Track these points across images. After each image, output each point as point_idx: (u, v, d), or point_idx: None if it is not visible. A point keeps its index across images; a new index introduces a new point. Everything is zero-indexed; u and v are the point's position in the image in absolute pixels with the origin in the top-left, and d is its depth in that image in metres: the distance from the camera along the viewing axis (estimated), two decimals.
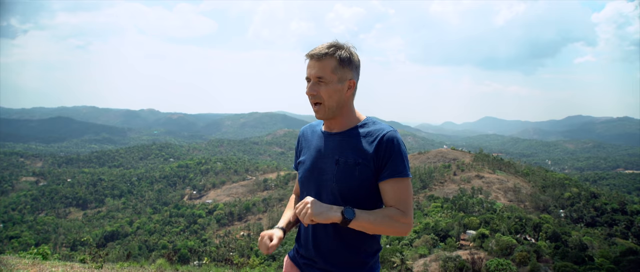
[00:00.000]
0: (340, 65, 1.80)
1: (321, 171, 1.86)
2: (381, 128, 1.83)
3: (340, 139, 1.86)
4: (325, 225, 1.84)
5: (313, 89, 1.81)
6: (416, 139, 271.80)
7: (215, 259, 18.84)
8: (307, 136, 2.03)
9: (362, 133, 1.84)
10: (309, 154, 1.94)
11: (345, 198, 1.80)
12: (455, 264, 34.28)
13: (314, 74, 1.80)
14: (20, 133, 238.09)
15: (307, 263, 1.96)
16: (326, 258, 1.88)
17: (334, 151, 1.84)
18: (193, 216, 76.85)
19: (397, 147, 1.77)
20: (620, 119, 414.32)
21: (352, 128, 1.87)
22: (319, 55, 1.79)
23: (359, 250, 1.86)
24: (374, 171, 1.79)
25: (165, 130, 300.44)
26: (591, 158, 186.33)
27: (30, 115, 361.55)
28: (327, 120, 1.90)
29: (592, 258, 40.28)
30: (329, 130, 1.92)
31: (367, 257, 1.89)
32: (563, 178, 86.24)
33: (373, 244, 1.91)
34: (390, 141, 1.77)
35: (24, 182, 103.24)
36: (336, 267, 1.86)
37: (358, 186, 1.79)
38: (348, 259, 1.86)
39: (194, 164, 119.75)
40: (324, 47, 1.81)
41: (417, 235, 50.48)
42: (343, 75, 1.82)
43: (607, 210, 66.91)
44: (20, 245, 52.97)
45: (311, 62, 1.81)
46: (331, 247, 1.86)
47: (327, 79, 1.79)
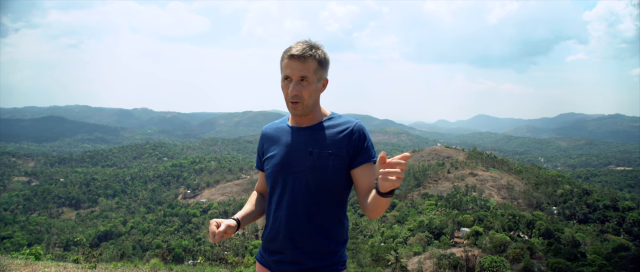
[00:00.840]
0: (319, 65, 1.87)
1: (293, 164, 1.92)
2: (348, 120, 1.96)
3: (310, 133, 1.94)
4: (298, 212, 1.91)
5: (296, 88, 1.84)
6: (410, 137, 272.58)
7: (210, 258, 18.82)
8: (272, 133, 2.08)
9: (330, 125, 1.95)
10: (279, 150, 1.98)
11: (319, 187, 1.89)
12: (449, 262, 34.47)
13: (297, 74, 1.84)
14: (12, 133, 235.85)
15: (277, 259, 1.98)
16: (297, 246, 1.91)
17: (306, 144, 1.92)
18: (187, 215, 76.60)
19: (367, 135, 1.94)
20: (611, 117, 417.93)
21: (320, 122, 1.97)
22: (303, 56, 1.83)
23: (330, 237, 1.94)
24: (347, 160, 1.90)
25: (159, 130, 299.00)
26: (583, 155, 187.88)
27: (22, 115, 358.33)
28: (301, 117, 1.95)
29: (585, 254, 40.67)
30: (297, 125, 1.99)
31: (337, 246, 1.96)
32: (556, 175, 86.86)
33: (343, 232, 1.99)
34: (361, 131, 1.92)
35: (16, 182, 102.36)
36: (307, 256, 1.91)
37: (332, 175, 1.88)
38: (320, 246, 1.91)
39: (188, 163, 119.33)
40: (305, 48, 1.84)
41: (411, 233, 50.66)
42: (321, 75, 1.90)
43: (599, 207, 67.52)
44: (12, 245, 52.47)
45: (293, 62, 1.83)
46: (304, 234, 1.91)
47: (309, 79, 1.85)
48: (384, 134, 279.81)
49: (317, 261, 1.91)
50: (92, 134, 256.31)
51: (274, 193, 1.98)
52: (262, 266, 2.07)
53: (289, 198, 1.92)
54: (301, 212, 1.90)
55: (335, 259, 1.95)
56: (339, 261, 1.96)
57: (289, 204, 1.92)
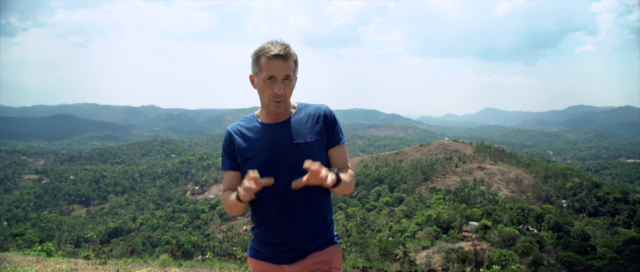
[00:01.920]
0: (295, 63, 1.98)
1: (281, 159, 1.99)
2: (317, 106, 2.11)
3: (289, 126, 2.03)
4: (297, 205, 2.01)
5: (281, 88, 1.92)
6: (417, 131, 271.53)
7: (219, 253, 18.91)
8: (244, 132, 2.09)
9: (304, 115, 2.06)
10: (261, 147, 2.02)
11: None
12: (457, 256, 34.39)
13: (282, 73, 1.91)
14: (21, 131, 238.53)
15: (280, 250, 2.07)
16: (302, 235, 2.04)
17: (289, 137, 2.00)
18: (196, 211, 77.09)
19: (336, 118, 2.10)
20: (621, 108, 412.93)
21: (293, 114, 2.07)
22: (286, 54, 1.91)
23: (326, 218, 2.11)
24: (326, 143, 2.07)
25: (167, 126, 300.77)
26: (593, 148, 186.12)
27: (31, 114, 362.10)
28: (274, 113, 2.02)
29: (595, 248, 40.32)
30: (273, 121, 2.06)
31: (331, 223, 2.15)
32: (565, 168, 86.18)
33: (330, 214, 2.16)
34: (331, 115, 2.09)
35: (27, 180, 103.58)
36: (310, 240, 2.05)
37: (320, 160, 1.94)
38: (320, 228, 2.08)
39: (195, 159, 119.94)
40: (285, 47, 1.92)
41: (419, 227, 50.58)
42: (296, 72, 2.01)
43: (610, 199, 66.92)
44: (24, 242, 53.28)
45: (277, 62, 1.89)
46: (306, 222, 2.03)
47: (291, 78, 1.95)
48: (391, 128, 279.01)
49: (318, 240, 2.07)
50: (101, 132, 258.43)
51: (262, 193, 1.95)
52: (258, 261, 2.16)
53: (284, 194, 1.98)
54: (300, 204, 2.01)
55: (331, 234, 2.13)
56: (333, 236, 2.14)
57: (286, 199, 1.99)
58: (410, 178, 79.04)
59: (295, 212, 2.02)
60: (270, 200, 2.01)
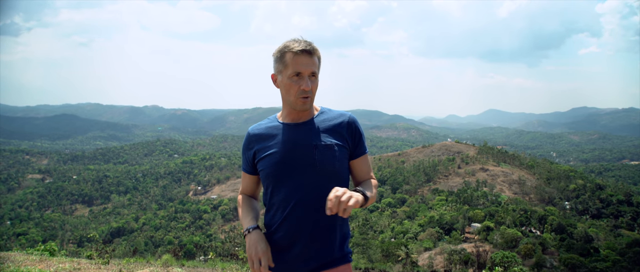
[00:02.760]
0: (319, 60, 1.92)
1: (298, 159, 1.89)
2: (341, 112, 2.02)
3: (309, 127, 1.95)
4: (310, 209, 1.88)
5: (309, 84, 1.85)
6: (420, 132, 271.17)
7: (221, 254, 18.92)
8: (263, 132, 2.01)
9: (326, 119, 1.98)
10: (278, 147, 1.93)
11: (328, 180, 1.88)
12: (460, 257, 34.31)
13: (308, 70, 1.85)
14: (25, 131, 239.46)
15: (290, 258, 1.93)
16: (316, 244, 1.91)
17: (308, 138, 1.91)
18: (198, 212, 77.16)
19: (361, 128, 2.02)
20: (625, 110, 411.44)
21: (315, 116, 1.99)
22: (312, 50, 1.86)
23: (342, 228, 1.98)
24: (349, 150, 1.97)
25: (170, 127, 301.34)
26: (596, 150, 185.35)
27: (35, 113, 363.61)
28: (300, 112, 1.96)
29: (598, 250, 40.17)
30: (295, 121, 1.97)
31: (347, 236, 2.02)
32: (568, 170, 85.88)
33: (346, 226, 2.03)
34: (356, 123, 2.00)
35: (30, 180, 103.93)
36: (324, 251, 1.92)
37: (339, 165, 1.91)
38: (334, 239, 1.94)
39: (198, 159, 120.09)
40: (308, 43, 1.86)
41: (421, 228, 50.51)
42: (320, 69, 1.95)
43: (613, 201, 66.64)
44: (27, 242, 53.43)
45: (303, 58, 1.84)
46: (320, 230, 1.90)
47: (316, 74, 1.89)
48: (393, 129, 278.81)
49: (332, 253, 1.93)
50: (104, 132, 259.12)
51: (277, 193, 1.92)
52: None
53: (299, 196, 1.87)
54: (314, 208, 1.86)
55: (346, 250, 1.99)
56: (348, 253, 1.99)
57: (300, 202, 1.87)
58: (412, 179, 78.92)
59: (309, 218, 1.88)
60: (285, 202, 1.91)
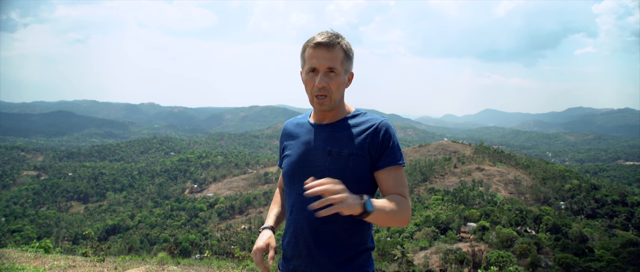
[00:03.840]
0: (345, 56, 1.72)
1: (311, 163, 1.76)
2: (374, 118, 1.79)
3: (331, 130, 1.78)
4: (314, 216, 1.64)
5: (324, 80, 1.68)
6: (417, 131, 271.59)
7: (217, 252, 18.89)
8: (292, 130, 1.91)
9: (353, 124, 1.78)
10: (297, 147, 1.82)
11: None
12: (455, 257, 34.40)
13: (324, 65, 1.67)
14: (21, 127, 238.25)
15: (293, 267, 1.84)
16: (314, 253, 1.75)
17: (325, 143, 1.75)
18: (194, 210, 77.05)
19: (393, 136, 1.75)
20: (621, 111, 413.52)
21: (343, 119, 1.80)
22: (330, 43, 1.67)
23: (348, 244, 1.77)
24: (370, 161, 1.72)
25: (166, 124, 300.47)
26: (592, 150, 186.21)
27: (31, 110, 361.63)
28: (325, 113, 1.80)
29: (593, 250, 40.38)
30: (319, 122, 1.83)
31: (357, 254, 1.78)
32: (563, 170, 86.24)
33: (363, 239, 1.80)
34: (387, 131, 1.73)
35: (26, 176, 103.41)
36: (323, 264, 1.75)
37: (351, 177, 1.69)
38: (337, 253, 1.75)
39: (194, 157, 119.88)
40: (332, 36, 1.69)
41: (417, 228, 50.61)
42: (348, 66, 1.75)
43: (608, 202, 66.99)
44: (22, 239, 53.15)
45: (319, 52, 1.67)
46: (321, 240, 1.74)
47: (337, 70, 1.69)
48: None
49: (334, 269, 1.73)
50: (101, 129, 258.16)
51: (290, 194, 1.83)
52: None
53: (305, 202, 1.71)
54: (323, 220, 1.69)
55: (353, 269, 1.74)
56: (359, 271, 1.75)
57: (304, 209, 1.74)
58: (409, 178, 79.06)
59: (313, 227, 1.74)
60: (290, 210, 1.82)
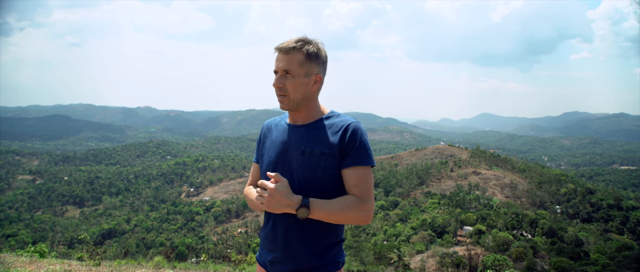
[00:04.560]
0: (307, 59, 1.86)
1: (286, 162, 1.90)
2: (345, 119, 1.91)
3: (305, 131, 1.92)
4: (291, 223, 1.87)
5: (279, 81, 1.87)
6: (413, 135, 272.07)
7: (213, 256, 18.83)
8: (271, 129, 2.06)
9: (327, 125, 1.91)
10: (274, 147, 1.97)
11: (310, 187, 1.85)
12: (452, 260, 34.46)
13: (281, 67, 1.86)
14: (16, 131, 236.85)
15: (272, 259, 1.96)
16: (290, 247, 1.89)
17: (299, 142, 1.89)
18: (190, 213, 76.78)
19: (361, 136, 1.86)
20: (616, 115, 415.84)
21: (316, 120, 1.93)
22: (286, 48, 1.85)
23: (322, 238, 1.90)
24: (339, 160, 1.85)
25: (163, 128, 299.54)
26: (587, 154, 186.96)
27: (26, 114, 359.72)
28: (292, 112, 1.95)
29: (588, 254, 40.56)
30: (294, 122, 1.97)
31: (330, 247, 1.92)
32: (559, 174, 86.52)
33: (336, 233, 1.93)
34: (354, 131, 1.86)
35: (21, 181, 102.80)
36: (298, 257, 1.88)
37: (323, 175, 1.84)
38: (311, 247, 1.88)
39: (191, 161, 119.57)
40: (292, 41, 1.86)
41: (414, 231, 50.65)
42: (310, 69, 1.88)
43: (603, 206, 67.21)
44: (17, 243, 52.75)
45: (279, 55, 1.87)
46: (296, 235, 1.88)
47: (293, 72, 1.85)
48: (387, 132, 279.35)
49: (308, 262, 1.87)
50: (97, 133, 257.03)
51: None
52: (260, 266, 2.06)
53: None
54: (289, 214, 1.85)
55: (325, 261, 1.89)
56: (331, 263, 1.91)
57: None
58: (405, 182, 79.14)
59: (290, 223, 1.88)
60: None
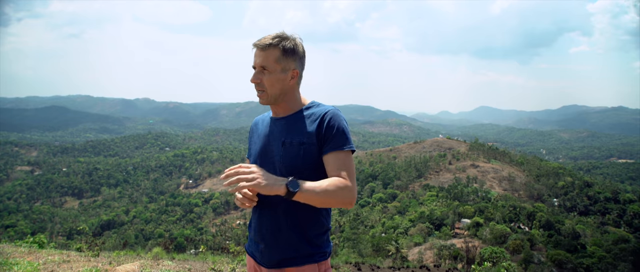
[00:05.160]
0: (283, 55, 1.89)
1: (270, 154, 1.95)
2: (324, 108, 1.95)
3: (285, 123, 1.96)
4: (274, 202, 1.90)
5: (256, 77, 1.91)
6: (412, 128, 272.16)
7: (212, 247, 18.92)
8: (258, 124, 2.13)
9: (306, 115, 1.95)
10: (259, 140, 2.04)
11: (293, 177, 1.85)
12: (449, 253, 34.61)
13: (258, 63, 1.89)
14: (15, 122, 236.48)
15: (260, 249, 1.98)
16: (275, 237, 1.92)
17: (280, 134, 1.94)
18: (189, 205, 76.96)
19: (339, 122, 1.88)
20: (614, 109, 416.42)
21: (296, 112, 1.97)
22: (263, 45, 1.87)
23: (306, 228, 1.92)
24: (318, 148, 1.88)
25: (161, 120, 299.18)
26: (585, 147, 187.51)
27: (24, 105, 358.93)
28: (272, 106, 1.99)
29: (585, 246, 40.81)
30: (276, 115, 2.02)
31: (314, 236, 1.93)
32: (557, 167, 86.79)
33: (321, 222, 1.96)
34: (332, 118, 1.88)
35: (19, 172, 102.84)
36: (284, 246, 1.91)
37: (303, 165, 1.86)
38: (296, 236, 1.90)
39: (189, 153, 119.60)
40: (268, 38, 1.88)
41: (412, 223, 50.83)
42: (286, 65, 1.90)
43: (600, 199, 67.54)
44: (16, 234, 52.88)
45: (256, 52, 1.90)
46: (280, 225, 1.91)
47: (270, 68, 1.88)
48: (386, 125, 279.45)
49: (296, 251, 1.89)
50: (96, 124, 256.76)
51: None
52: (248, 256, 2.10)
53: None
54: (277, 202, 1.88)
55: (312, 250, 1.91)
56: (317, 252, 1.92)
57: (265, 198, 1.92)
58: (404, 175, 79.31)
59: (275, 213, 1.92)
60: (258, 195, 1.96)
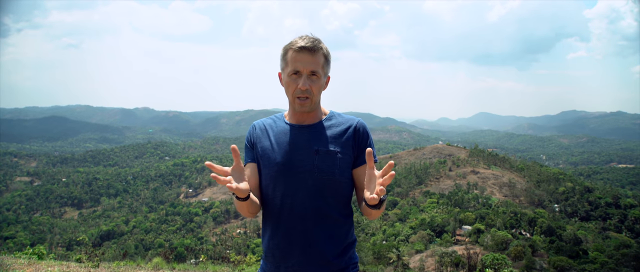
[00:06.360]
0: (326, 60, 1.83)
1: (298, 163, 1.81)
2: (350, 118, 1.92)
3: (314, 131, 1.87)
4: (307, 217, 1.80)
5: (307, 83, 1.76)
6: (412, 135, 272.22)
7: (212, 257, 18.79)
8: (267, 130, 1.94)
9: (333, 124, 1.89)
10: (280, 148, 1.86)
11: (326, 188, 1.80)
12: (451, 259, 34.48)
13: (308, 68, 1.76)
14: (14, 133, 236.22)
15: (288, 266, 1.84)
16: (310, 253, 1.80)
17: (310, 142, 1.84)
18: (189, 214, 76.68)
19: (370, 134, 1.91)
20: (613, 114, 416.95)
21: (322, 120, 1.90)
22: (313, 48, 1.76)
23: (341, 240, 1.86)
24: (352, 158, 1.85)
25: (161, 129, 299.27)
26: (585, 153, 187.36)
27: (24, 115, 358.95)
28: (302, 114, 1.87)
29: (587, 252, 40.63)
30: (299, 123, 1.89)
31: (348, 248, 1.89)
32: (557, 173, 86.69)
33: (352, 233, 1.92)
34: (365, 130, 1.89)
35: (18, 182, 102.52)
36: (320, 262, 1.81)
37: (339, 174, 1.80)
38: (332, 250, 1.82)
39: (189, 162, 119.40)
40: (314, 41, 1.78)
41: (413, 231, 50.66)
42: (327, 70, 1.86)
43: (601, 204, 67.37)
44: (15, 245, 52.62)
45: (303, 55, 1.76)
46: (316, 239, 1.80)
47: (319, 74, 1.79)
48: (385, 132, 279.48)
49: (330, 264, 1.81)
50: (95, 134, 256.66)
51: (275, 196, 1.85)
52: None
53: (296, 201, 1.80)
54: (310, 216, 1.79)
55: (347, 262, 1.86)
56: (350, 263, 1.87)
57: (296, 208, 1.80)
58: (404, 182, 79.17)
59: (307, 225, 1.80)
60: (279, 212, 1.83)
